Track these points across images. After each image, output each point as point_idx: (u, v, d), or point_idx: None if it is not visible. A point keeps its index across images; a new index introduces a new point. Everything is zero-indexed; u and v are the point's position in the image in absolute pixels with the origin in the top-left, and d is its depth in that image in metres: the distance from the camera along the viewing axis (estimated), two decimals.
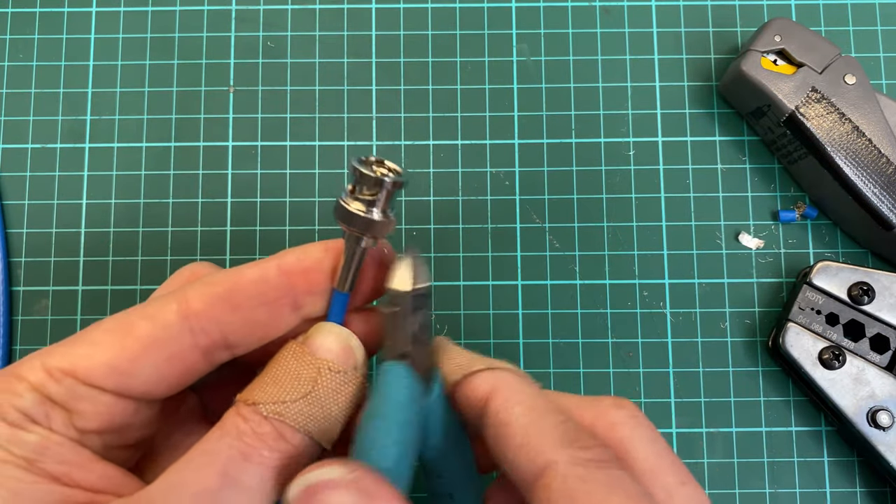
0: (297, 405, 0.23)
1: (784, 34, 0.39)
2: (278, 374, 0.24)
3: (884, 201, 0.37)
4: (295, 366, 0.24)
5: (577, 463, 0.21)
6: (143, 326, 0.23)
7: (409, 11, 0.43)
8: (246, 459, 0.22)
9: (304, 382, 0.24)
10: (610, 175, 0.42)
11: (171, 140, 0.42)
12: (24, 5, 0.43)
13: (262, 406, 0.23)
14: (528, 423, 0.22)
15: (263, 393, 0.24)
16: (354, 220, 0.25)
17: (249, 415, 0.23)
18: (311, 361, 0.24)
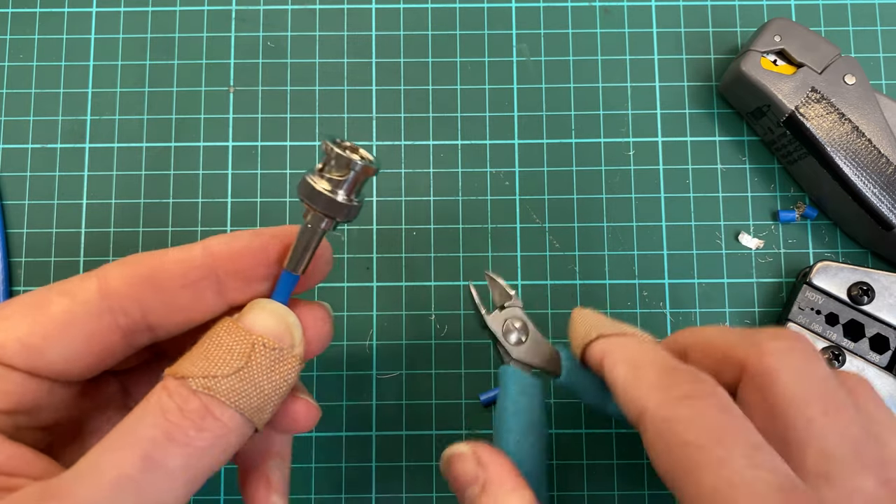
0: (229, 380, 0.22)
1: (784, 34, 0.39)
2: (210, 349, 0.23)
3: (883, 201, 0.37)
4: (228, 340, 0.23)
5: (664, 404, 0.22)
6: (60, 303, 0.22)
7: (409, 11, 0.43)
8: (170, 440, 0.21)
9: (236, 357, 0.23)
10: (610, 175, 0.42)
11: (172, 140, 0.42)
12: (25, 5, 0.43)
13: (192, 380, 0.22)
14: (628, 379, 0.24)
15: (193, 366, 0.22)
16: (318, 199, 0.25)
17: (176, 389, 0.22)
18: (245, 336, 0.23)
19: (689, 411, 0.22)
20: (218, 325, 0.24)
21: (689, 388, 0.23)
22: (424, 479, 0.39)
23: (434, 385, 0.40)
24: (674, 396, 0.22)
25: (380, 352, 0.40)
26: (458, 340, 0.40)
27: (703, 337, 0.27)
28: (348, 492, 0.39)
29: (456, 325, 0.40)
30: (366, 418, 0.39)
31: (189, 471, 0.21)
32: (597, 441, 0.39)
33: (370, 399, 0.40)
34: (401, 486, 0.39)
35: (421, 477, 0.39)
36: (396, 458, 0.39)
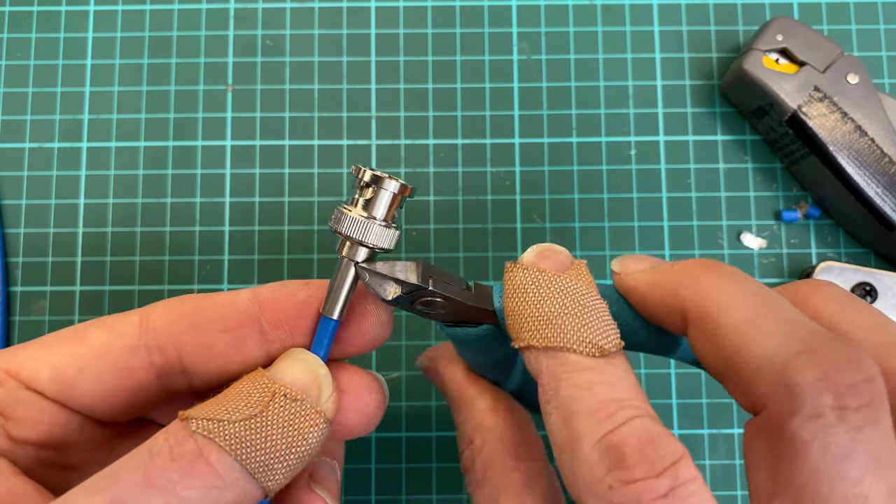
0: (236, 426, 0.20)
1: (786, 33, 0.38)
2: (227, 394, 0.21)
3: (886, 201, 0.37)
4: (247, 386, 0.21)
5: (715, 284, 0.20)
6: (98, 335, 0.22)
7: (408, 10, 0.43)
8: (148, 485, 0.19)
9: (251, 404, 0.20)
10: (611, 175, 0.41)
11: (170, 139, 0.42)
12: (22, 4, 0.43)
13: (194, 421, 0.20)
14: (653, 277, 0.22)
15: (202, 409, 0.20)
16: (351, 225, 0.22)
17: (175, 430, 0.20)
18: (266, 384, 0.21)
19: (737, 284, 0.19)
20: (246, 375, 0.22)
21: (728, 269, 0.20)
22: (424, 481, 0.39)
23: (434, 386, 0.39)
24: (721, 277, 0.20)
25: (380, 352, 0.40)
26: None
27: None
28: (348, 493, 0.39)
29: None
30: None
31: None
32: None
33: None
34: (400, 487, 0.39)
35: (421, 478, 0.39)
36: (396, 460, 0.39)
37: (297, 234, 0.41)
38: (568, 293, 0.21)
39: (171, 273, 0.40)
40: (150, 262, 0.40)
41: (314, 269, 0.40)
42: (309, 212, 0.41)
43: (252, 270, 0.40)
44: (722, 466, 0.39)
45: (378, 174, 0.23)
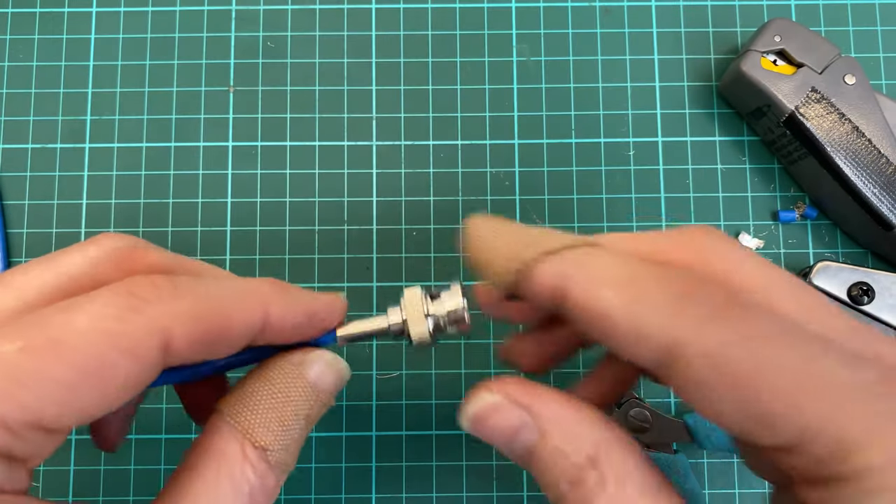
0: (295, 449, 0.23)
1: (784, 34, 0.39)
2: (284, 412, 0.22)
3: (883, 201, 0.37)
4: (296, 398, 0.23)
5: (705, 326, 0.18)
6: (124, 365, 0.19)
7: (409, 12, 0.43)
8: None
9: (304, 420, 0.23)
10: (610, 175, 0.42)
11: (171, 140, 0.42)
12: (25, 5, 0.43)
13: (272, 453, 0.22)
14: (634, 305, 0.19)
15: (269, 433, 0.22)
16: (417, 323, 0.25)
17: (258, 463, 0.21)
18: (314, 397, 0.23)
19: (740, 329, 0.17)
20: (284, 373, 0.23)
21: (718, 296, 0.18)
22: (425, 480, 0.39)
23: (434, 385, 0.40)
24: (708, 315, 0.18)
25: (380, 352, 0.40)
26: (459, 340, 0.40)
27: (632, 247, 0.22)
28: (348, 492, 0.39)
29: None
30: (366, 418, 0.39)
31: None
32: None
33: (370, 399, 0.40)
34: (401, 486, 0.39)
35: (421, 477, 0.39)
36: (396, 459, 0.39)
37: (298, 234, 0.41)
38: None
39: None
40: None
41: (315, 269, 0.41)
42: (310, 212, 0.41)
43: (253, 270, 0.41)
44: (720, 465, 0.39)
45: (461, 312, 0.25)
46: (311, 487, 0.39)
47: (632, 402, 0.37)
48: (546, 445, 0.21)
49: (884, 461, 0.15)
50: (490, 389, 0.22)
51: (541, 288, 0.20)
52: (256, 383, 0.23)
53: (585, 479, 0.20)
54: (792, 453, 0.17)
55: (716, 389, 0.17)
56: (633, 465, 0.20)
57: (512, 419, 0.21)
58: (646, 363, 0.19)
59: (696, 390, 0.18)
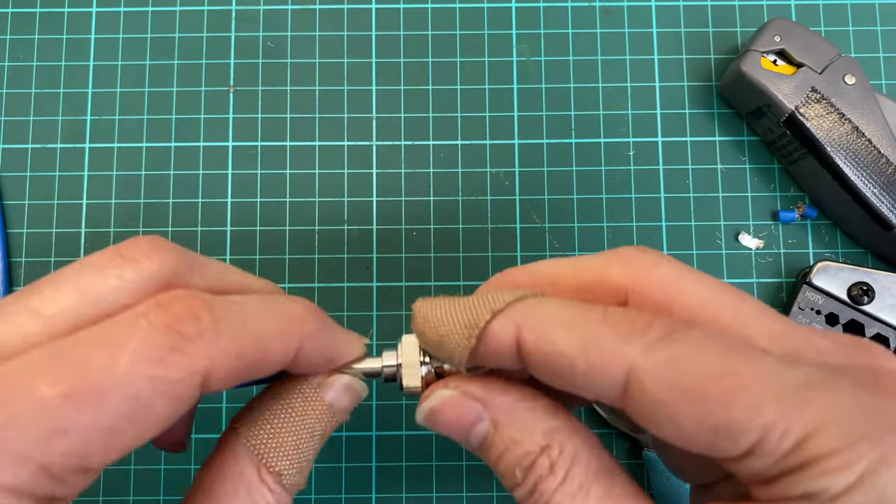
0: (308, 468, 0.24)
1: (784, 34, 0.39)
2: (300, 435, 0.23)
3: (883, 201, 0.37)
4: (313, 423, 0.24)
5: (653, 350, 0.19)
6: (164, 406, 0.19)
7: (409, 12, 0.43)
8: None
9: (319, 441, 0.24)
10: (610, 175, 0.42)
11: (172, 140, 0.42)
12: (25, 5, 0.43)
13: (286, 477, 0.23)
14: (585, 341, 0.20)
15: (285, 458, 0.23)
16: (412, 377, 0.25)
17: (274, 486, 0.22)
18: (331, 419, 0.24)
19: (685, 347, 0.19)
20: (304, 398, 0.24)
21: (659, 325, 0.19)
22: (424, 479, 0.39)
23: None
24: (654, 339, 0.19)
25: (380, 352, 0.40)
26: None
27: (546, 276, 0.23)
28: (348, 492, 0.39)
29: None
30: (366, 418, 0.39)
31: None
32: None
33: (370, 399, 0.40)
34: (401, 486, 0.39)
35: (421, 477, 0.39)
36: (396, 458, 0.39)
37: (298, 234, 0.41)
38: None
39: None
40: None
41: (315, 269, 0.41)
42: (310, 212, 0.41)
43: (254, 271, 0.41)
44: None
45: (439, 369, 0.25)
46: (311, 487, 0.39)
47: None
48: (500, 435, 0.22)
49: (831, 446, 0.17)
50: (447, 385, 0.23)
51: (498, 345, 0.21)
52: (275, 406, 0.23)
53: (537, 466, 0.21)
54: (749, 456, 0.18)
55: (674, 407, 0.18)
56: (584, 452, 0.21)
57: (467, 412, 0.23)
58: (607, 395, 0.20)
59: (657, 412, 0.19)
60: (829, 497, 0.17)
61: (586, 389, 0.20)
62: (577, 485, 0.21)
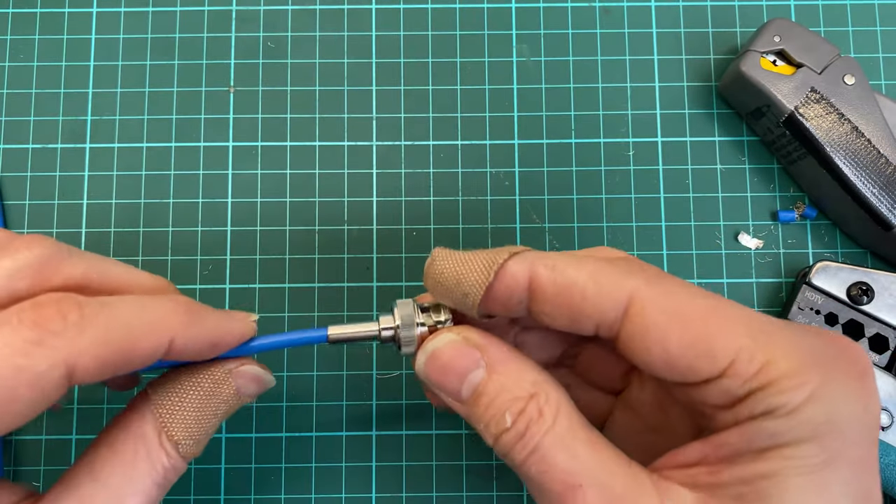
0: (206, 441, 0.26)
1: (783, 34, 0.39)
2: (204, 412, 0.26)
3: (883, 201, 0.37)
4: (218, 404, 0.26)
5: (651, 283, 0.23)
6: (28, 395, 0.21)
7: (409, 12, 0.43)
8: (163, 494, 0.25)
9: (220, 418, 0.27)
10: (610, 175, 0.42)
11: (172, 140, 0.42)
12: (25, 6, 0.43)
13: (183, 446, 0.25)
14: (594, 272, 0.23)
15: (185, 430, 0.25)
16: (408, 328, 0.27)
17: (171, 451, 0.25)
18: (235, 402, 0.27)
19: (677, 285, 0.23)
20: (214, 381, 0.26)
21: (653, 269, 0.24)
22: (425, 479, 0.39)
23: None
24: (652, 275, 0.24)
25: (380, 352, 0.40)
26: None
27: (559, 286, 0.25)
28: (348, 491, 0.39)
29: None
30: (366, 418, 0.39)
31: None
32: None
33: (370, 399, 0.40)
34: (401, 486, 0.39)
35: (421, 476, 0.39)
36: (396, 458, 0.39)
37: (298, 234, 0.41)
38: None
39: (174, 273, 0.41)
40: (153, 262, 0.41)
41: (315, 269, 0.41)
42: (310, 212, 0.41)
43: (254, 270, 0.41)
44: None
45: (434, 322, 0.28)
46: (311, 487, 0.39)
47: None
48: (492, 382, 0.24)
49: (788, 369, 0.21)
50: (451, 330, 0.26)
51: (513, 282, 0.24)
52: (187, 382, 0.26)
53: (528, 410, 0.23)
54: (723, 377, 0.22)
55: (666, 328, 0.22)
56: (566, 403, 0.24)
57: (467, 357, 0.25)
58: (608, 318, 0.23)
59: (649, 333, 0.22)
60: (787, 411, 0.21)
61: (591, 315, 0.23)
62: (564, 428, 0.23)
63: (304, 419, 0.39)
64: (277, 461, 0.39)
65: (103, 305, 0.23)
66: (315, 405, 0.40)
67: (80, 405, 0.39)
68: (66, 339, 0.21)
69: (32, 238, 0.24)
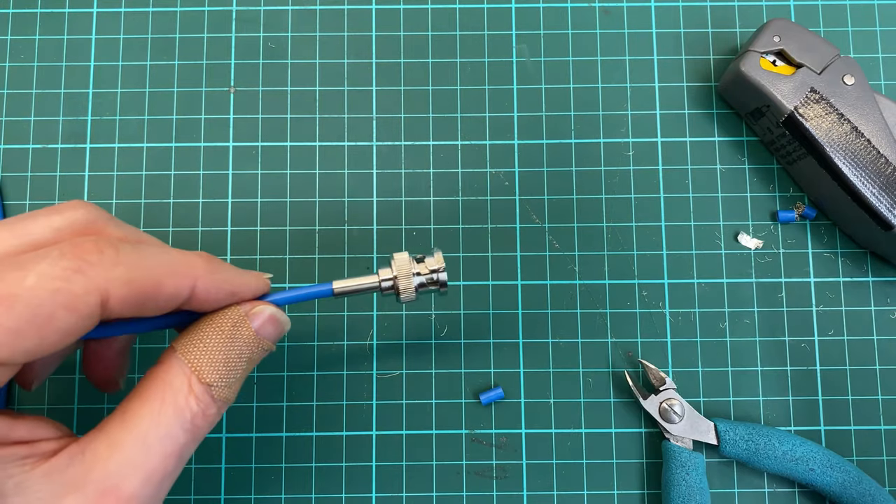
0: (237, 385, 0.28)
1: (783, 35, 0.39)
2: (230, 354, 0.27)
3: (882, 201, 0.37)
4: (242, 346, 0.28)
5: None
6: (64, 317, 0.23)
7: (409, 12, 0.43)
8: (195, 441, 0.26)
9: (247, 363, 0.28)
10: (609, 175, 0.42)
11: (172, 140, 0.42)
12: (26, 6, 0.44)
13: (216, 389, 0.27)
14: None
15: (215, 372, 0.27)
16: (404, 279, 0.31)
17: (202, 395, 0.26)
18: (257, 344, 0.28)
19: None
20: (233, 320, 0.28)
21: None
22: (424, 479, 0.39)
23: (434, 385, 0.40)
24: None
25: (380, 352, 0.40)
26: (458, 340, 0.40)
27: None
28: (348, 491, 0.39)
29: (456, 325, 0.40)
30: (366, 418, 0.39)
31: None
32: (596, 440, 0.39)
33: (370, 399, 0.40)
34: (401, 486, 0.39)
35: (421, 477, 0.39)
36: (396, 458, 0.39)
37: (298, 234, 0.41)
38: None
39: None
40: None
41: (315, 268, 0.41)
42: (311, 212, 0.41)
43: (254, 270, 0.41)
44: (719, 464, 0.39)
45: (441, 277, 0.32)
46: (311, 486, 0.39)
47: (669, 393, 0.38)
48: None
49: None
50: None
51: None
52: (207, 328, 0.28)
53: None
54: None
55: None
56: None
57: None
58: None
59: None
60: None
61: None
62: None
63: (304, 419, 0.39)
64: (277, 461, 0.39)
65: (136, 246, 0.25)
66: (315, 405, 0.40)
67: (79, 405, 0.39)
68: (102, 268, 0.23)
69: (80, 202, 0.27)
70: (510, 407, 0.40)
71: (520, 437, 0.39)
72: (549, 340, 0.40)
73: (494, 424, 0.39)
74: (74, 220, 0.26)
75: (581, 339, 0.40)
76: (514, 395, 0.40)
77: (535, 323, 0.40)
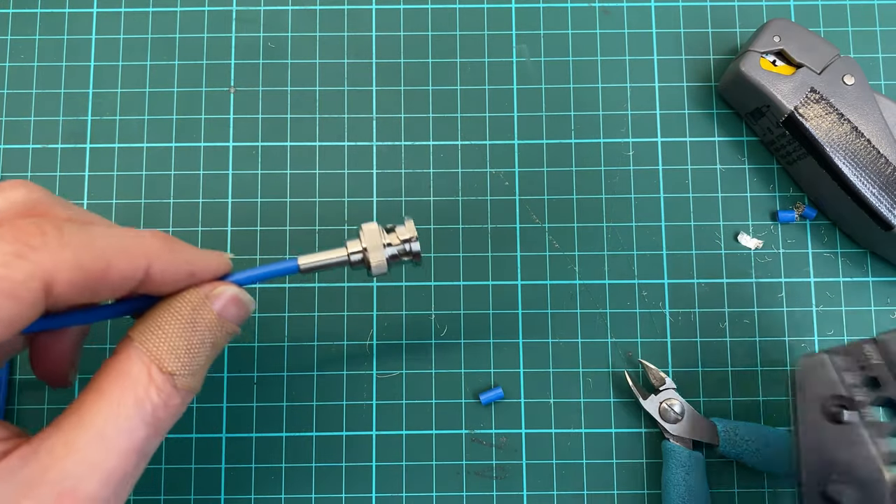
0: (201, 373, 0.26)
1: (783, 35, 0.39)
2: (191, 340, 0.25)
3: (882, 201, 0.37)
4: (204, 330, 0.26)
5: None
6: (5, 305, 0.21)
7: (409, 12, 0.43)
8: (157, 436, 0.24)
9: (210, 348, 0.26)
10: (609, 175, 0.42)
11: (172, 140, 0.42)
12: (26, 6, 0.44)
13: (178, 378, 0.25)
14: None
15: (177, 360, 0.25)
16: (375, 252, 0.29)
17: (164, 386, 0.24)
18: (220, 327, 0.26)
19: None
20: (193, 305, 0.26)
21: None
22: (424, 479, 0.39)
23: (434, 385, 0.40)
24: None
25: (380, 352, 0.40)
26: (458, 340, 0.40)
27: None
28: (348, 492, 0.39)
29: (456, 325, 0.40)
30: (366, 418, 0.39)
31: None
32: (596, 440, 0.39)
33: (370, 399, 0.40)
34: (401, 486, 0.39)
35: (421, 477, 0.39)
36: (396, 458, 0.39)
37: (298, 235, 0.41)
38: None
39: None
40: None
41: None
42: (310, 212, 0.41)
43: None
44: (718, 463, 0.39)
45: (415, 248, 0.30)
46: (311, 486, 0.39)
47: (669, 393, 0.38)
48: None
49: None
50: None
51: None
52: (166, 313, 0.26)
53: None
54: None
55: None
56: None
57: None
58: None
59: None
60: None
61: None
62: None
63: (304, 419, 0.39)
64: (277, 461, 0.39)
65: (82, 226, 0.23)
66: (315, 405, 0.40)
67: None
68: (45, 252, 0.22)
69: (22, 181, 0.25)
70: (510, 407, 0.40)
71: (520, 437, 0.39)
72: (549, 340, 0.40)
73: (494, 424, 0.39)
74: (15, 200, 0.24)
75: (581, 339, 0.40)
76: (514, 395, 0.40)
77: (535, 323, 0.40)
